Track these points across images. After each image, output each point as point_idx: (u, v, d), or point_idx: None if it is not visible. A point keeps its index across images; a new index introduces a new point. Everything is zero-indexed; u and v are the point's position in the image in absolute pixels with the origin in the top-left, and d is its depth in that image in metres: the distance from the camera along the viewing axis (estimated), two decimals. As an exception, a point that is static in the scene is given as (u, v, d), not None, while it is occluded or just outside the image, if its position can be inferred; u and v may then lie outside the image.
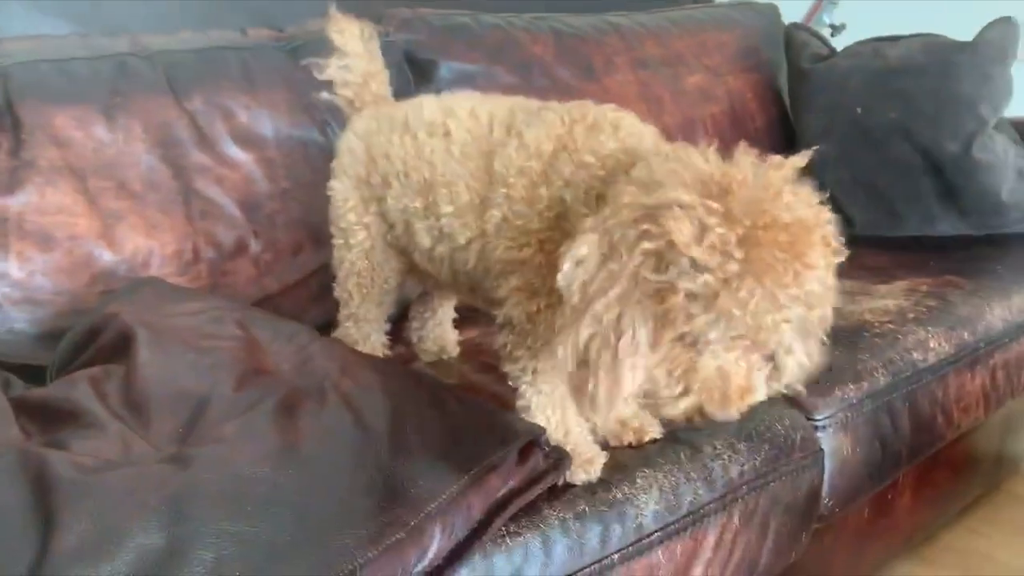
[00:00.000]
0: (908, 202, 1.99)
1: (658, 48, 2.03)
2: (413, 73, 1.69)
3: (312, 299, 1.41)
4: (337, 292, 1.21)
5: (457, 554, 0.74)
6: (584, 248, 0.71)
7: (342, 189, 1.17)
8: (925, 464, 1.45)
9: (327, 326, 1.42)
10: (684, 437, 1.02)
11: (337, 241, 1.19)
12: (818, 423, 1.17)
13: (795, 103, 2.19)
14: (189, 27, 1.53)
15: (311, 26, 1.64)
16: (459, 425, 0.83)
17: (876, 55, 2.05)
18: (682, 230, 0.67)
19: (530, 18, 1.91)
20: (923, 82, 1.93)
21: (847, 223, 2.05)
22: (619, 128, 0.90)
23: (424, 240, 1.04)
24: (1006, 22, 1.92)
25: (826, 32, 2.51)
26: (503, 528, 0.82)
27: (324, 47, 1.57)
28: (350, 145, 1.17)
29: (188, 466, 0.72)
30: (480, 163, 0.96)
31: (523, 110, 0.97)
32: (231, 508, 0.66)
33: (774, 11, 2.35)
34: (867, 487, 1.27)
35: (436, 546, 0.71)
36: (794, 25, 2.34)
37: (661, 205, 0.69)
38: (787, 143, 2.12)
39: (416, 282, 1.23)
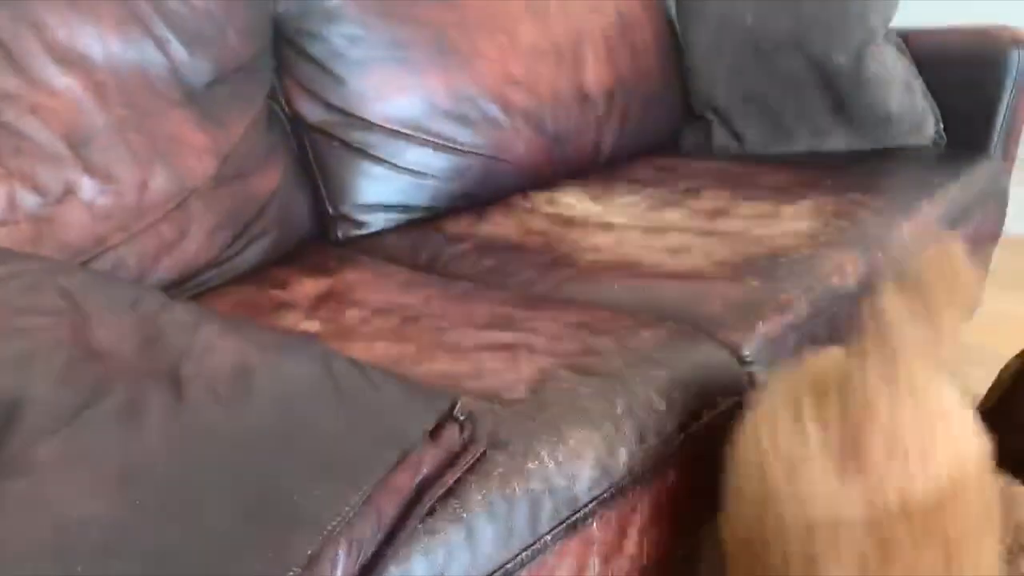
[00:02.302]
0: (798, 117, 1.94)
1: (542, -44, 1.86)
2: None
3: (164, 248, 1.19)
4: None
5: (369, 569, 0.59)
6: None
7: None
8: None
9: (183, 280, 1.22)
10: (619, 388, 0.90)
11: None
12: (747, 361, 1.08)
13: (683, 15, 2.08)
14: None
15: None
16: (363, 408, 0.67)
17: (768, -38, 1.96)
18: None
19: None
20: (815, -10, 1.86)
21: (738, 142, 1.98)
22: None
23: None
24: (896, -72, 1.85)
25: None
26: (419, 523, 0.67)
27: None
28: None
29: (-13, 510, 0.53)
30: None
31: None
32: (52, 569, 0.48)
33: (660, -83, 2.20)
34: (791, 423, 1.20)
35: (340, 572, 0.56)
36: (680, -68, 2.21)
37: None
38: (676, 56, 2.02)
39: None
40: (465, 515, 0.71)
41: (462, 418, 0.76)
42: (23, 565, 0.48)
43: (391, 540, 0.61)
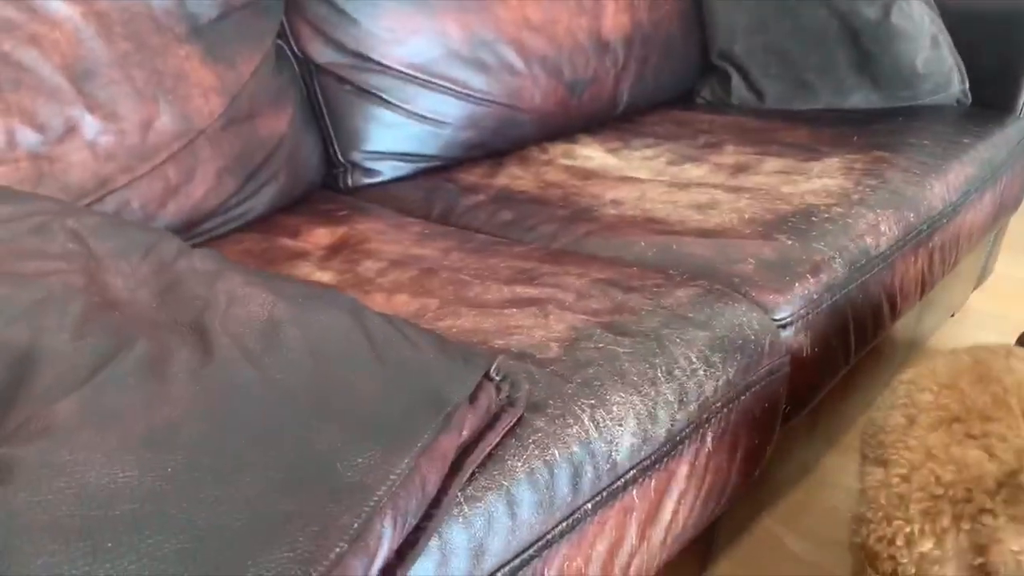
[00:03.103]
0: (821, 73, 1.88)
1: None
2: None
3: (170, 192, 1.13)
4: None
5: (411, 543, 0.55)
6: None
7: None
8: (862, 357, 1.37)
9: (189, 226, 1.17)
10: (657, 349, 0.85)
11: None
12: (783, 323, 1.03)
13: (703, -38, 2.01)
14: None
15: None
16: (401, 367, 0.62)
17: (795, -93, 1.88)
18: None
19: None
20: (843, -62, 1.79)
21: (757, 97, 1.92)
22: None
23: None
24: None
25: None
26: (458, 493, 0.63)
27: None
28: None
29: (2, 481, 0.47)
30: None
31: None
32: (79, 546, 0.42)
33: None
34: (820, 389, 1.17)
35: (386, 547, 0.51)
36: None
37: None
38: (695, 4, 1.94)
39: None
40: (505, 482, 0.66)
41: (498, 378, 0.72)
42: (45, 542, 0.42)
43: (434, 511, 0.57)
